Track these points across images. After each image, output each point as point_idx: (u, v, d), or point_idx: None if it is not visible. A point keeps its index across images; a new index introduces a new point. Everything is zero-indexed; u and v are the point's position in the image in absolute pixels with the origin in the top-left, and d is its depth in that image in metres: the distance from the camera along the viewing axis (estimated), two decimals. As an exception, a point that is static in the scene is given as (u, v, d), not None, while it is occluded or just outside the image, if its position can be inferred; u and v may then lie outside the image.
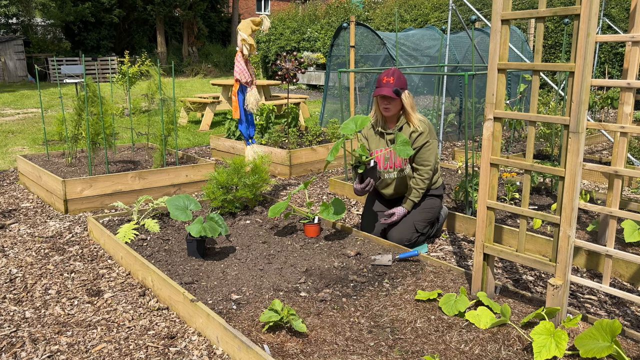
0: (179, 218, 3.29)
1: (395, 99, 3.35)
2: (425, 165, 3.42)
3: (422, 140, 3.39)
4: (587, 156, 6.07)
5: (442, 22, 12.92)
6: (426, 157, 3.41)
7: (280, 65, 5.68)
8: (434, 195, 3.58)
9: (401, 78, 3.37)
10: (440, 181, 3.65)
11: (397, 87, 3.32)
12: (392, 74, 3.36)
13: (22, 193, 5.04)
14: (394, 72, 3.37)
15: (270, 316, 2.32)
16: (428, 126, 3.43)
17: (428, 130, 3.41)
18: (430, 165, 3.42)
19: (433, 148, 3.43)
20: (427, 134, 3.40)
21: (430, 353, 2.21)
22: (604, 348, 2.03)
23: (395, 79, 3.34)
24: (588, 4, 2.09)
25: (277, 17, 18.47)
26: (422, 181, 3.43)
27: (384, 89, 3.34)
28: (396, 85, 3.33)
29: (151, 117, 5.45)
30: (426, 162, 3.41)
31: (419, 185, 3.44)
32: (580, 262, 3.26)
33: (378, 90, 3.36)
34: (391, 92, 3.31)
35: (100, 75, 18.27)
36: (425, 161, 3.41)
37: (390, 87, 3.32)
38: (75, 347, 2.42)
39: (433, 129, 3.48)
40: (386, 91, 3.32)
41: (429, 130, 3.42)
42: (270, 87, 12.98)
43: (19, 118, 9.90)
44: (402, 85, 3.36)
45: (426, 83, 7.22)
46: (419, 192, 3.45)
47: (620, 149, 2.39)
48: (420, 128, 3.40)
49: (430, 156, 3.41)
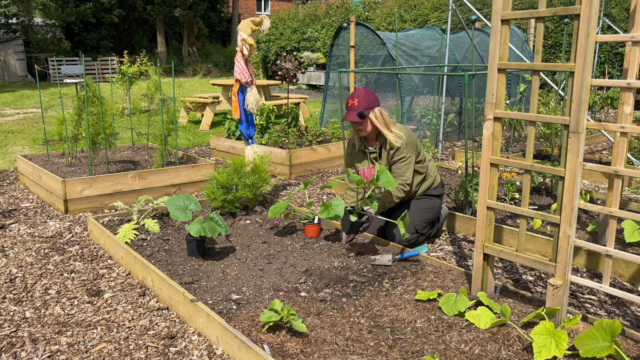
0: (179, 218, 3.29)
1: (363, 122, 3.28)
2: (400, 177, 3.35)
3: (398, 155, 3.33)
4: (587, 156, 6.07)
5: (442, 22, 12.92)
6: (401, 172, 3.34)
7: (280, 65, 5.68)
8: (433, 196, 3.56)
9: (367, 97, 3.27)
10: (439, 180, 3.62)
11: (362, 109, 3.23)
12: (356, 95, 3.27)
13: (22, 193, 5.04)
14: (359, 93, 3.28)
15: (270, 316, 2.32)
16: (406, 140, 3.32)
17: (405, 144, 3.31)
18: (404, 178, 3.34)
19: (409, 162, 3.34)
20: (403, 148, 3.31)
21: (430, 353, 2.21)
22: (603, 348, 2.03)
23: (360, 100, 3.25)
24: (588, 4, 2.09)
25: (277, 17, 18.47)
26: (397, 191, 3.35)
27: (348, 114, 3.27)
28: (361, 106, 3.24)
29: (151, 117, 5.45)
30: (401, 176, 3.34)
31: (395, 193, 3.35)
32: (580, 262, 3.26)
33: (345, 115, 3.30)
34: (355, 116, 3.23)
35: (100, 75, 18.27)
36: (400, 176, 3.34)
37: (354, 111, 3.24)
38: (75, 347, 2.43)
39: (413, 140, 3.38)
40: (350, 117, 3.25)
41: (407, 144, 3.32)
42: (270, 87, 12.98)
43: (19, 118, 9.90)
44: (369, 104, 3.26)
45: (426, 83, 7.22)
46: (391, 198, 3.35)
47: (620, 149, 2.39)
48: (397, 144, 3.30)
49: (407, 171, 3.34)
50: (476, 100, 7.49)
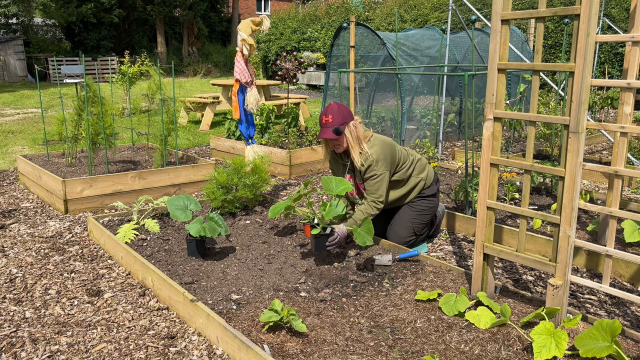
0: (179, 218, 3.29)
1: (338, 139, 3.24)
2: (372, 195, 3.28)
3: (369, 172, 3.26)
4: (587, 156, 6.07)
5: (442, 22, 12.92)
6: (373, 190, 3.27)
7: (280, 65, 5.68)
8: (428, 196, 3.51)
9: (341, 112, 3.22)
10: (432, 175, 3.54)
11: (337, 125, 3.18)
12: (329, 111, 3.22)
13: (22, 193, 5.04)
14: (332, 108, 3.23)
15: (270, 316, 2.32)
16: (377, 157, 3.23)
17: (376, 161, 3.23)
18: (377, 196, 3.26)
19: (381, 180, 3.25)
20: (374, 166, 3.23)
21: (430, 353, 2.21)
22: (604, 348, 2.03)
23: (333, 116, 3.20)
24: (588, 4, 2.09)
25: (277, 17, 18.47)
26: (370, 208, 3.27)
27: (323, 131, 3.23)
28: (335, 122, 3.19)
29: (151, 117, 5.45)
30: (373, 194, 3.27)
31: (367, 210, 3.27)
32: (580, 262, 3.26)
33: (320, 132, 3.25)
34: (331, 133, 3.19)
35: (100, 75, 18.27)
36: (373, 194, 3.27)
37: (329, 128, 3.20)
38: (75, 347, 2.42)
39: (388, 154, 3.28)
40: (326, 134, 3.21)
41: (377, 161, 3.23)
42: (270, 87, 12.98)
43: (19, 118, 9.90)
44: (343, 119, 3.21)
45: (426, 83, 7.22)
46: (362, 214, 3.26)
47: (620, 149, 2.39)
48: (365, 163, 3.23)
49: (379, 189, 3.26)
50: (476, 100, 7.49)
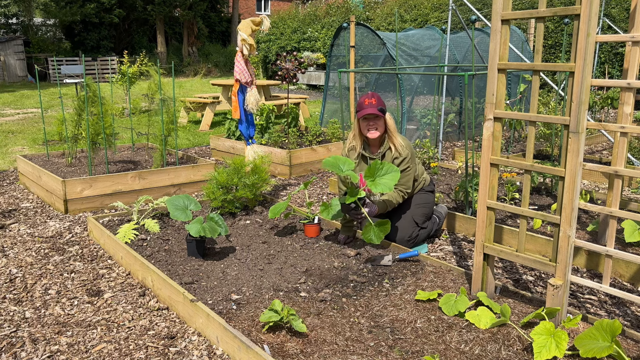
0: (179, 218, 3.29)
1: (380, 119, 3.34)
2: (401, 186, 3.42)
3: (403, 166, 3.39)
4: (587, 156, 6.06)
5: (442, 22, 12.92)
6: (403, 181, 3.41)
7: (280, 65, 5.68)
8: (426, 191, 3.65)
9: (381, 100, 3.36)
10: (428, 179, 3.70)
11: (382, 107, 3.32)
12: (372, 96, 3.34)
13: (22, 193, 5.04)
14: (374, 94, 3.37)
15: (270, 316, 2.32)
16: (410, 151, 3.43)
17: (410, 155, 3.41)
18: (406, 187, 3.44)
19: (411, 173, 3.45)
20: (408, 159, 3.40)
21: (430, 353, 2.21)
22: (604, 348, 2.03)
23: (377, 99, 3.32)
24: (588, 4, 2.09)
25: (277, 17, 18.47)
26: (399, 196, 3.43)
27: (368, 109, 3.28)
28: (379, 104, 3.31)
29: (151, 117, 5.45)
30: (403, 185, 3.43)
31: (396, 198, 3.42)
32: (580, 262, 3.26)
33: (362, 111, 3.30)
34: (376, 110, 3.27)
35: (100, 75, 18.27)
36: (403, 185, 3.42)
37: (374, 107, 3.29)
38: (75, 347, 2.42)
39: (414, 151, 3.49)
40: (372, 109, 3.27)
41: (411, 155, 3.42)
42: (270, 87, 12.99)
43: (19, 118, 9.90)
44: (384, 106, 3.36)
45: (426, 83, 7.22)
46: (393, 202, 3.41)
47: (620, 149, 2.39)
48: (403, 154, 3.39)
49: (409, 181, 3.44)
50: (476, 100, 7.49)
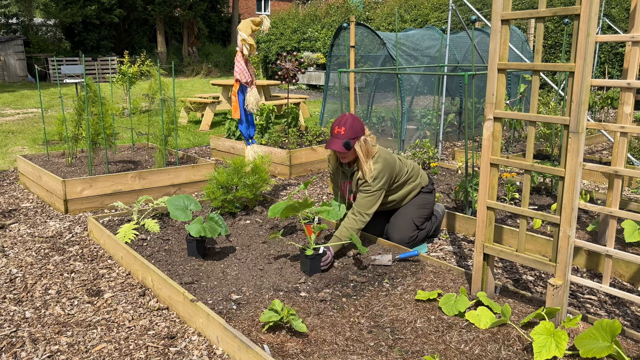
0: (179, 218, 3.29)
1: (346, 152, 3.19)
2: (362, 207, 3.23)
3: (365, 187, 3.24)
4: (587, 156, 6.06)
5: (442, 22, 12.92)
6: (364, 203, 3.23)
7: (280, 65, 5.68)
8: (427, 192, 3.58)
9: (354, 126, 3.16)
10: (426, 179, 3.60)
11: (349, 138, 3.13)
12: (343, 123, 3.16)
13: (22, 193, 5.04)
14: (346, 120, 3.17)
15: (270, 316, 2.32)
16: (377, 174, 3.22)
17: (380, 178, 3.22)
18: (365, 210, 3.22)
19: (375, 197, 3.24)
20: (375, 184, 3.22)
21: (430, 353, 2.21)
22: (604, 348, 2.03)
23: (347, 128, 3.14)
24: (588, 4, 2.09)
25: (277, 17, 18.47)
26: (356, 222, 3.21)
27: (333, 141, 3.16)
28: (348, 135, 3.13)
29: (151, 117, 5.45)
30: (362, 207, 3.23)
31: (352, 226, 3.20)
32: (580, 262, 3.26)
33: (329, 143, 3.19)
34: (341, 146, 3.13)
35: (100, 75, 18.27)
36: (362, 207, 3.23)
37: (340, 140, 3.14)
38: (75, 347, 2.42)
39: (390, 170, 3.28)
40: (336, 145, 3.14)
41: (375, 177, 3.21)
42: (270, 87, 12.99)
43: (19, 118, 9.90)
44: (355, 133, 3.15)
45: (426, 83, 7.23)
46: (347, 231, 3.17)
47: (620, 149, 2.39)
48: (368, 179, 3.21)
49: (372, 207, 3.24)
50: (476, 100, 7.49)
